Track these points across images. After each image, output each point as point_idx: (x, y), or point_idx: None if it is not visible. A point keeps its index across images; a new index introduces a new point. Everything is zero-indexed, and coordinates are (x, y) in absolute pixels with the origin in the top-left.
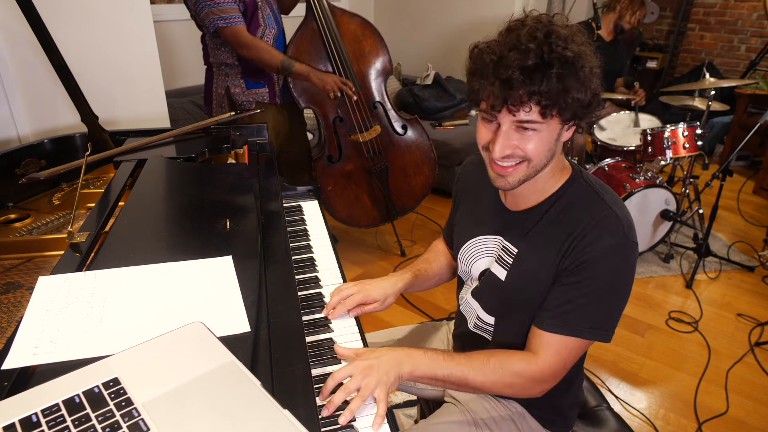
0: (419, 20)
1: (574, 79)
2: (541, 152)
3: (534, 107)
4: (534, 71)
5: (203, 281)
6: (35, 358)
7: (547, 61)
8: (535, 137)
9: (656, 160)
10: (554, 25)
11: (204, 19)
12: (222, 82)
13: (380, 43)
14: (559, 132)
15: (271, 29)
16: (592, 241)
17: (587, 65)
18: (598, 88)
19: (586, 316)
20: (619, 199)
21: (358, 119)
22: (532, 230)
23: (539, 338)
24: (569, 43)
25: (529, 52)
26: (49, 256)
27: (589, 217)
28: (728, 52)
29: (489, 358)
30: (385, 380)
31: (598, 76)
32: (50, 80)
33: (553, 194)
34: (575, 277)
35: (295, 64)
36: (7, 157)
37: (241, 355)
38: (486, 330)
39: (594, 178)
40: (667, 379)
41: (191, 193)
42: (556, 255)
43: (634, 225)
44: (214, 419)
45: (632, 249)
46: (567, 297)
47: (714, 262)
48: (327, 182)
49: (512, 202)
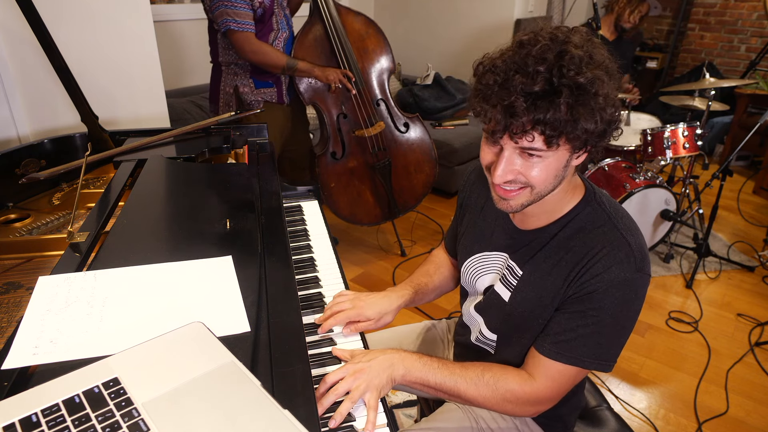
0: (419, 20)
1: (585, 109)
2: (546, 180)
3: (538, 136)
4: (540, 98)
5: (203, 281)
6: (35, 358)
7: (555, 87)
8: (539, 164)
9: (656, 160)
10: (569, 44)
11: (217, 17)
12: (231, 80)
13: (384, 42)
14: (568, 159)
15: (283, 33)
16: (601, 271)
17: (602, 92)
18: (614, 115)
19: (587, 346)
20: (633, 225)
21: (363, 115)
22: (539, 253)
23: (537, 361)
24: (584, 67)
25: (537, 76)
26: (49, 256)
27: (599, 246)
28: (728, 52)
29: (484, 372)
30: (375, 383)
31: (614, 102)
32: (50, 80)
33: (563, 216)
34: (580, 306)
35: (298, 62)
36: (7, 157)
37: (241, 355)
38: (488, 344)
39: (609, 199)
40: (667, 379)
41: (191, 193)
42: (563, 282)
43: (648, 253)
44: (214, 419)
45: (643, 281)
46: (570, 325)
47: (714, 262)
48: (330, 179)
49: (520, 220)
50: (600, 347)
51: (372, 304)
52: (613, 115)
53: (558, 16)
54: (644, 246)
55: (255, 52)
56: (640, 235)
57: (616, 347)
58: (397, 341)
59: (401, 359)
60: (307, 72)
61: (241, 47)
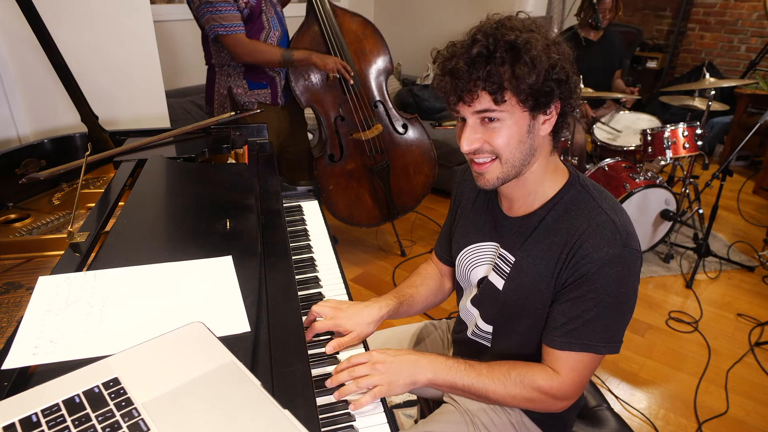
0: (419, 20)
1: (521, 63)
2: (510, 145)
3: (483, 94)
4: (477, 58)
5: (203, 281)
6: (35, 358)
7: (492, 48)
8: (501, 129)
9: (656, 160)
10: (508, 20)
11: (205, 24)
12: (224, 82)
13: (381, 43)
14: (529, 124)
15: (275, 31)
16: (591, 250)
17: (537, 50)
18: (559, 73)
19: (596, 331)
20: (617, 205)
21: (360, 118)
22: (529, 238)
23: (554, 356)
24: (518, 31)
25: (476, 43)
26: (49, 256)
27: (585, 226)
28: (728, 52)
29: (510, 370)
30: (389, 380)
31: (555, 61)
32: (50, 80)
33: (549, 200)
34: (578, 291)
35: (294, 53)
36: (7, 157)
37: (241, 355)
38: (484, 338)
39: (592, 182)
40: (667, 379)
41: (191, 193)
42: (554, 266)
43: (635, 231)
44: (214, 419)
45: (633, 257)
46: (574, 313)
47: (714, 262)
48: (328, 181)
49: (508, 207)
50: (608, 330)
51: (350, 316)
52: (559, 74)
53: (558, 16)
54: (629, 224)
55: (248, 53)
56: (625, 215)
57: (621, 327)
58: (397, 341)
59: (429, 362)
60: (305, 60)
61: (233, 50)
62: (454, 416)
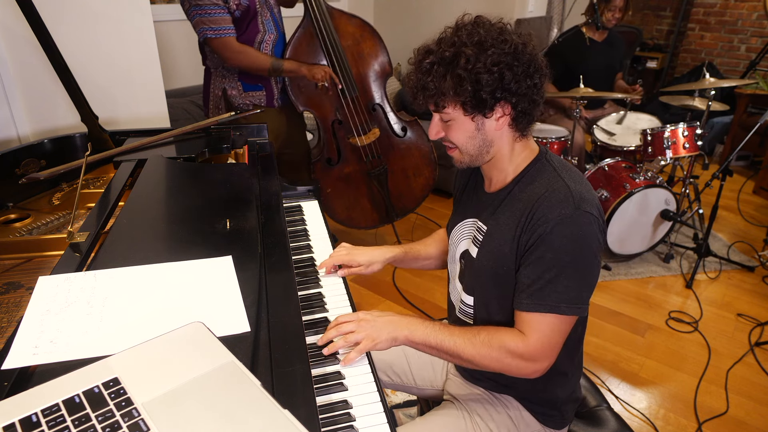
0: (419, 20)
1: (452, 75)
2: (462, 140)
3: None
4: (424, 70)
5: (203, 281)
6: (35, 358)
7: (434, 62)
8: (452, 126)
9: (656, 160)
10: (461, 30)
11: (195, 27)
12: (219, 83)
13: (379, 45)
14: (477, 124)
15: (271, 34)
16: (545, 212)
17: (470, 63)
18: (494, 84)
19: (557, 291)
20: (579, 177)
21: (357, 122)
22: (499, 208)
23: (521, 319)
24: (453, 46)
25: (428, 55)
26: (49, 256)
27: (542, 190)
28: (728, 52)
29: (480, 331)
30: (374, 336)
31: (483, 70)
32: (50, 80)
33: (518, 174)
34: (537, 253)
35: (284, 63)
36: (7, 157)
37: (241, 355)
38: (468, 314)
39: (559, 159)
40: (667, 379)
41: (191, 193)
42: (515, 229)
43: (594, 199)
44: (214, 419)
45: (586, 218)
46: (535, 274)
47: (714, 262)
48: (326, 184)
49: (488, 185)
50: (569, 290)
51: (363, 252)
52: (491, 83)
53: (558, 16)
54: (587, 193)
55: (237, 58)
56: (585, 185)
57: (584, 289)
58: None
59: (408, 323)
60: (294, 71)
61: (222, 54)
62: (453, 410)
